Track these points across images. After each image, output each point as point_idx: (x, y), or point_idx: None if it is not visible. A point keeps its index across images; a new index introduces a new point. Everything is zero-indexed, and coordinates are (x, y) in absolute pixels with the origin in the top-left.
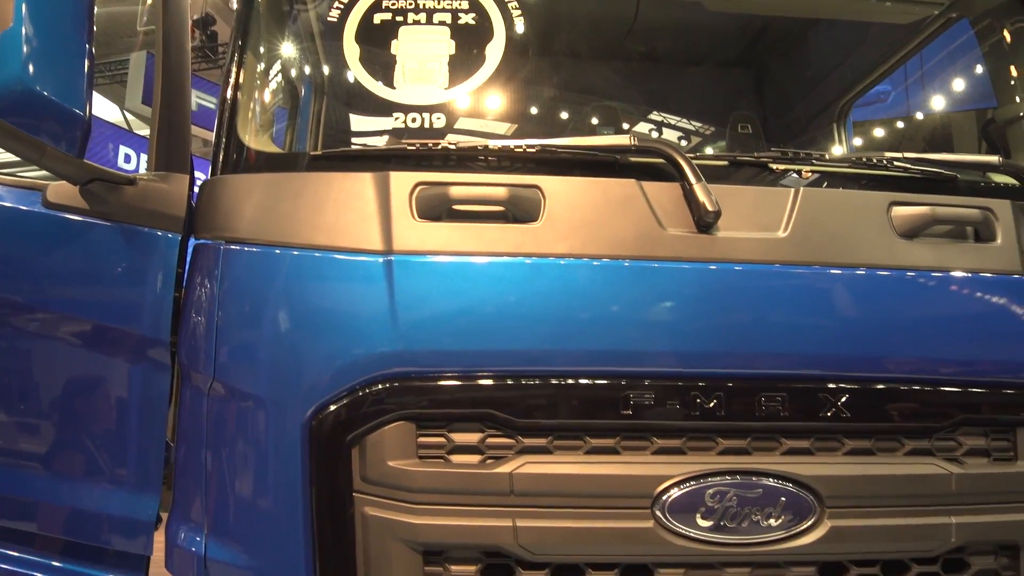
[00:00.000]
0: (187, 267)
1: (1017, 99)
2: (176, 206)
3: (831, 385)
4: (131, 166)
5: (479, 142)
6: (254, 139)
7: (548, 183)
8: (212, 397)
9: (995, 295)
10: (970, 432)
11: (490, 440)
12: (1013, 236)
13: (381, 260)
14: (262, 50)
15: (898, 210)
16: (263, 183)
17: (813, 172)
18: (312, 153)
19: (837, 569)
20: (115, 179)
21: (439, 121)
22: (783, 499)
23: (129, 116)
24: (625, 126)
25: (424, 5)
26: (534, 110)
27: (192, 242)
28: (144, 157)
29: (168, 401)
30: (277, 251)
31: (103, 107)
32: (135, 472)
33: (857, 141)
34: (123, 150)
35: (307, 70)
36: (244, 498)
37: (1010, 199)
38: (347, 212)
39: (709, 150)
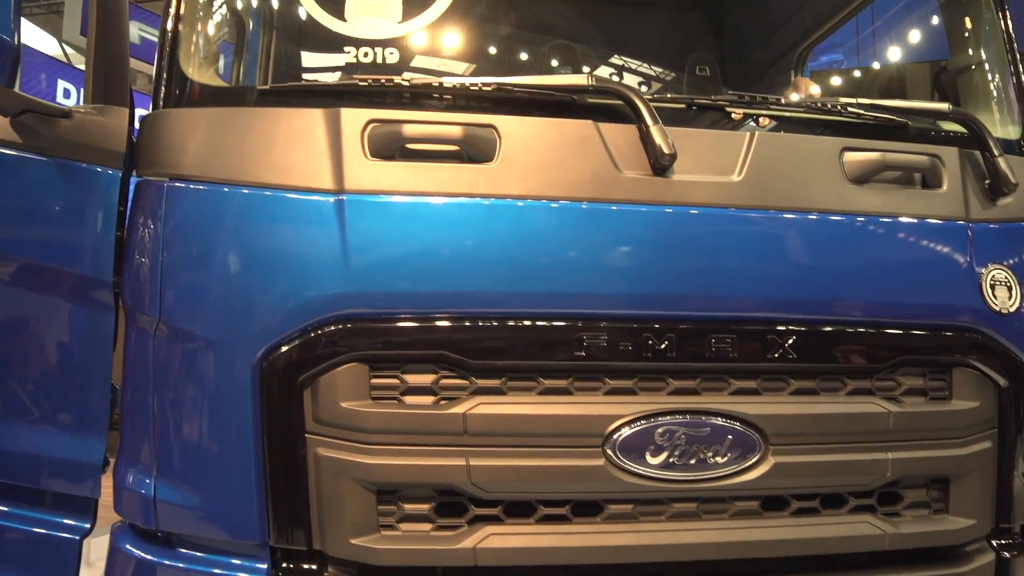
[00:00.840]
0: (129, 205)
1: (969, 50)
2: (116, 141)
3: (779, 327)
4: (71, 102)
5: (433, 79)
6: (198, 72)
7: (504, 123)
8: (158, 339)
9: (939, 241)
10: (909, 372)
11: (444, 381)
12: (958, 183)
13: (332, 200)
14: None
15: (850, 156)
16: (208, 118)
17: (769, 117)
18: (260, 88)
19: (779, 503)
20: (49, 111)
21: (392, 56)
22: (730, 437)
23: (68, 49)
24: (585, 69)
25: None
26: (490, 48)
27: (134, 179)
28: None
29: (113, 343)
30: (225, 189)
31: (40, 39)
32: (81, 415)
33: (814, 89)
34: (62, 84)
35: (254, 1)
36: (194, 440)
37: (957, 147)
38: (297, 149)
39: (667, 93)
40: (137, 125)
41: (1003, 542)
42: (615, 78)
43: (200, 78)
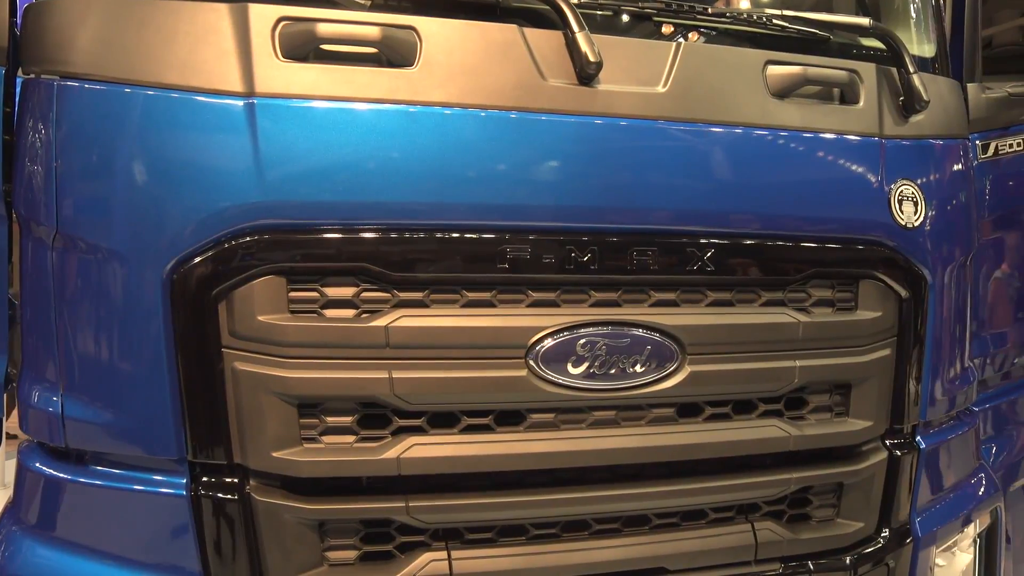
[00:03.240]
0: (15, 106)
1: None
2: None
3: (699, 240)
4: None
5: None
6: None
7: (425, 24)
8: (57, 250)
9: (853, 157)
10: (819, 284)
11: (365, 294)
12: (875, 99)
13: (242, 103)
14: None
15: (773, 69)
16: (102, 8)
17: (695, 26)
18: None
19: (694, 409)
20: None
21: None
22: (649, 347)
23: None
24: None
25: None
26: None
27: (20, 78)
28: None
29: (7, 254)
30: (125, 89)
31: None
32: None
33: (743, 2)
34: None
35: None
36: (101, 355)
37: (876, 63)
38: (201, 47)
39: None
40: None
41: (895, 442)
42: None
43: None
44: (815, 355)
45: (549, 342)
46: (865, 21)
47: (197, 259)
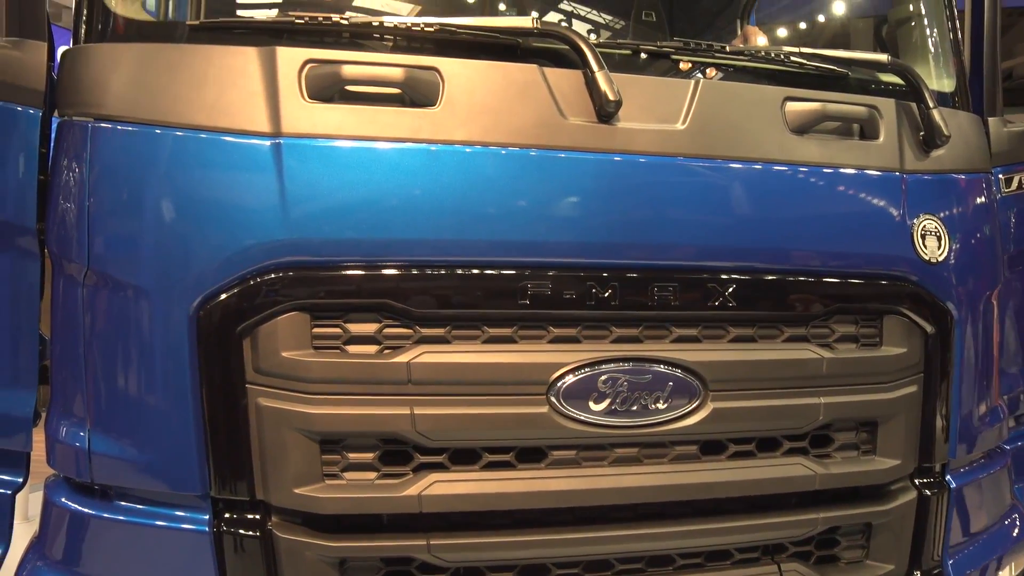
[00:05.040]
0: (51, 147)
1: (909, 3)
2: (34, 77)
3: (720, 276)
4: None
5: (374, 19)
6: (122, 5)
7: (447, 65)
8: (88, 287)
9: (874, 192)
10: (842, 320)
11: (387, 330)
12: (895, 134)
13: (269, 143)
14: None
15: (791, 105)
16: (135, 54)
17: (713, 64)
18: (190, 23)
19: (717, 447)
20: None
21: None
22: (671, 384)
23: None
24: (533, 13)
25: None
26: None
27: (56, 120)
28: None
29: (39, 292)
30: (156, 131)
31: None
32: (8, 367)
33: (760, 39)
34: None
35: None
36: (129, 391)
37: (895, 98)
38: (230, 90)
39: (614, 39)
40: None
41: (924, 481)
42: (562, 23)
43: (125, 11)
44: (840, 392)
45: (570, 378)
46: (883, 57)
47: (223, 296)
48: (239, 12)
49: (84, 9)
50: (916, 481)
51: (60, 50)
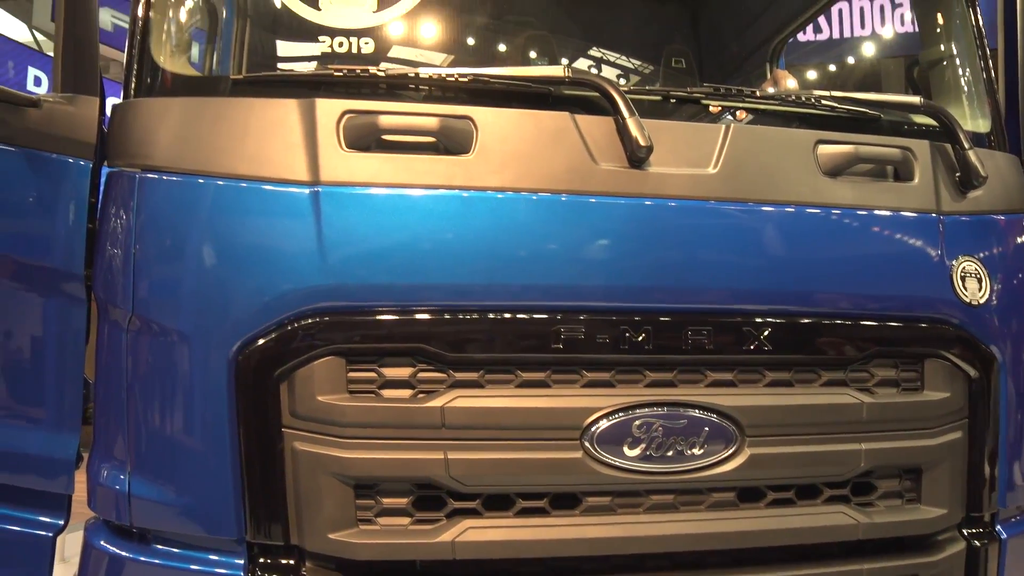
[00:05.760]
0: (100, 196)
1: (940, 44)
2: (86, 131)
3: (755, 320)
4: (42, 90)
5: (409, 70)
6: (170, 61)
7: (480, 114)
8: (132, 332)
9: (910, 233)
10: (882, 364)
11: (421, 375)
12: (930, 176)
13: (308, 191)
14: None
15: (824, 148)
16: (181, 108)
17: (744, 109)
18: (233, 77)
19: (755, 494)
20: (17, 100)
21: (367, 47)
22: (706, 429)
23: (39, 35)
24: (562, 61)
25: None
26: (467, 38)
27: (105, 170)
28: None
29: (85, 336)
30: (199, 180)
31: (8, 24)
32: (53, 410)
33: (790, 82)
34: (32, 72)
35: None
36: (169, 435)
37: (929, 140)
38: (271, 140)
39: (643, 85)
40: (108, 113)
41: (974, 531)
42: (592, 70)
43: (172, 67)
44: (881, 438)
45: (604, 423)
46: (916, 99)
47: (261, 341)
48: (279, 65)
49: (135, 65)
50: (965, 531)
51: (109, 102)
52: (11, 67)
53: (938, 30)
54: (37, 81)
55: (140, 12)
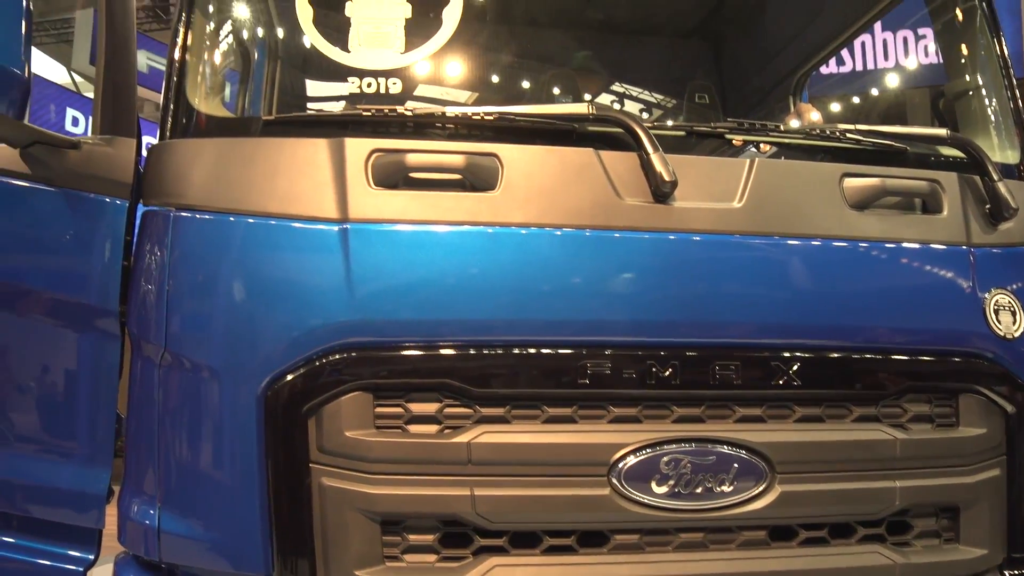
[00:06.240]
0: (135, 234)
1: (966, 75)
2: (123, 171)
3: (783, 354)
4: (79, 130)
5: (436, 109)
6: (204, 103)
7: (506, 151)
8: (164, 367)
9: (941, 266)
10: (915, 399)
11: (448, 410)
12: (959, 208)
13: (336, 228)
14: (212, 10)
15: (850, 181)
16: (214, 148)
17: (768, 143)
18: (265, 118)
19: (787, 532)
20: (58, 142)
21: (395, 87)
22: (736, 466)
23: (77, 77)
24: (586, 97)
25: None
26: (492, 77)
27: (141, 209)
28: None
29: (118, 372)
30: (230, 219)
31: (49, 67)
32: (86, 444)
33: (812, 115)
34: (71, 113)
35: (259, 32)
36: (198, 470)
37: (957, 172)
38: (301, 179)
39: (667, 121)
40: (144, 153)
41: (1016, 572)
42: (616, 106)
43: (206, 109)
44: (916, 475)
45: (632, 459)
46: (942, 132)
47: (289, 376)
48: (309, 105)
49: (171, 107)
50: (1007, 573)
51: (144, 140)
52: (52, 110)
53: (963, 61)
54: (75, 121)
55: (177, 56)
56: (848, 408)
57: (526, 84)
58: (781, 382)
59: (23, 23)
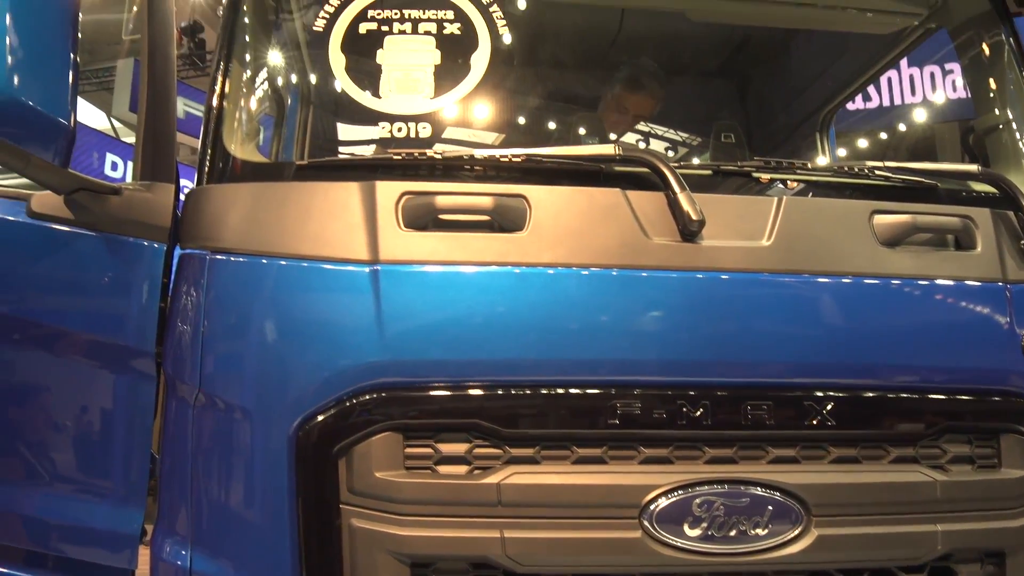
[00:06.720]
0: (172, 277)
1: (995, 110)
2: (161, 216)
3: (816, 393)
4: (118, 174)
5: (465, 151)
6: (240, 148)
7: (534, 192)
8: (198, 408)
9: (976, 303)
10: (954, 439)
11: (477, 450)
12: (993, 244)
13: (368, 270)
14: (248, 59)
15: (880, 218)
16: (249, 193)
17: (796, 181)
18: (298, 163)
19: None
20: (100, 189)
21: (425, 130)
22: (770, 508)
23: (116, 123)
24: (611, 136)
25: (409, 15)
26: (519, 119)
27: (178, 252)
28: (131, 165)
29: (153, 412)
30: (264, 261)
31: (90, 114)
32: (120, 484)
33: (840, 151)
34: (110, 158)
35: (293, 79)
36: (230, 510)
37: (989, 207)
38: (333, 221)
39: (694, 159)
40: (181, 198)
41: None
42: (641, 145)
43: (241, 154)
44: (958, 518)
45: (663, 501)
46: (973, 167)
47: (320, 417)
48: (340, 149)
49: (208, 152)
50: None
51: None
52: (95, 157)
53: (991, 95)
54: (114, 166)
55: (214, 103)
56: (885, 449)
57: (552, 125)
58: (815, 422)
59: (70, 74)
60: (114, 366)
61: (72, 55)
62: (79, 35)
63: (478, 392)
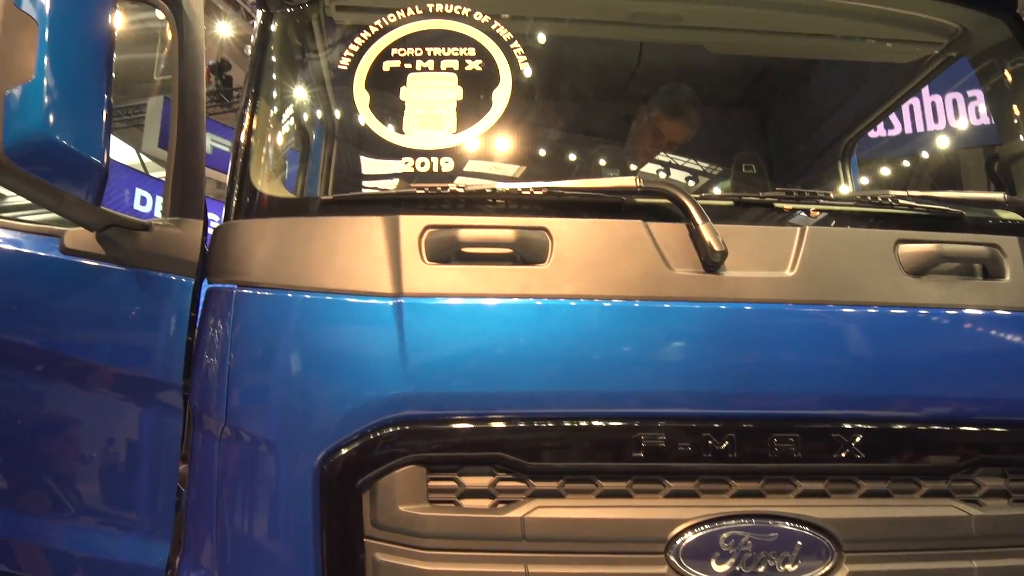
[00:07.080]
0: (200, 311)
1: (1020, 136)
2: (190, 251)
3: (845, 425)
4: (147, 208)
5: (487, 185)
6: (266, 184)
7: (555, 225)
8: (224, 441)
9: (1007, 332)
10: (988, 473)
11: (501, 484)
12: (1022, 272)
13: (391, 303)
14: (274, 96)
15: (905, 248)
16: (275, 228)
17: (819, 211)
18: (323, 198)
19: None
20: (131, 225)
21: (447, 165)
22: (799, 543)
23: (145, 159)
24: (631, 167)
25: (432, 52)
26: (541, 153)
27: (205, 286)
28: (159, 199)
29: (180, 445)
30: (289, 295)
31: (120, 150)
32: (146, 518)
33: (862, 179)
34: (139, 193)
35: (318, 116)
36: (255, 543)
37: (1017, 236)
38: (357, 256)
39: (715, 190)
40: (209, 232)
41: None
42: (662, 176)
43: (268, 190)
44: (995, 555)
45: (690, 536)
46: (999, 196)
47: (344, 450)
48: (364, 183)
49: (236, 188)
50: None
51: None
52: (126, 192)
53: (1016, 123)
54: (143, 201)
55: (242, 140)
56: (916, 482)
57: (573, 158)
58: (843, 455)
59: (104, 114)
60: (141, 399)
61: (106, 96)
62: (113, 75)
63: (501, 425)
